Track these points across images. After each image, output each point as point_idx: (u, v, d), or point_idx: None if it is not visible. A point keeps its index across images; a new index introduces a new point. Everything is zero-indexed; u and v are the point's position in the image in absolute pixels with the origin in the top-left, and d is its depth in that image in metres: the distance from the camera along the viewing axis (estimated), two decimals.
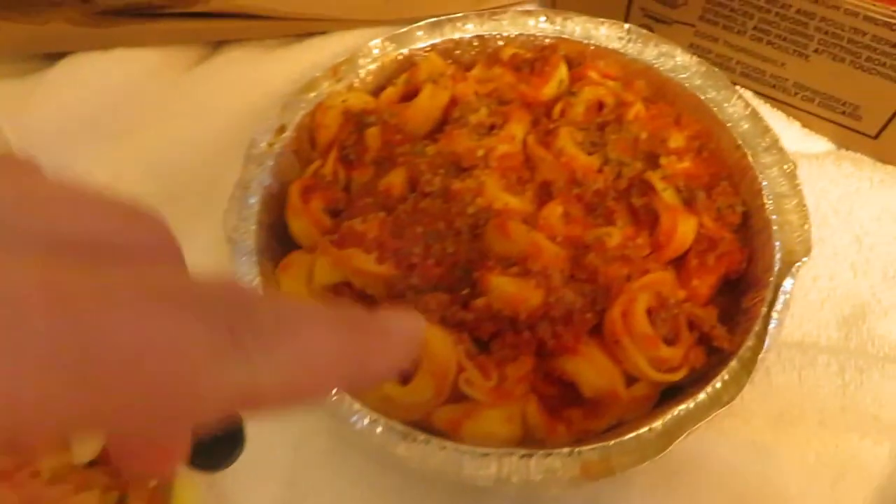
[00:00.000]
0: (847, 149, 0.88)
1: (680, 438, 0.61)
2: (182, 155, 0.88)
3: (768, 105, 0.89)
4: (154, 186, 0.86)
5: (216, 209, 0.75)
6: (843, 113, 0.85)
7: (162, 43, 0.99)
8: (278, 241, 0.77)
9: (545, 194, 0.76)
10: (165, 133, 0.90)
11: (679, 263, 0.73)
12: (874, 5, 0.75)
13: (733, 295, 0.73)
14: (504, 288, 0.65)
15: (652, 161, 0.78)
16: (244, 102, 0.90)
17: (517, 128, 0.79)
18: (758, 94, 0.90)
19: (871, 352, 0.73)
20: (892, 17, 0.74)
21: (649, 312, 0.66)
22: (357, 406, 0.63)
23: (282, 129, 0.82)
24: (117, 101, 0.94)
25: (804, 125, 0.89)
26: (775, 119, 0.88)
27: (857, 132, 0.85)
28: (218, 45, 0.99)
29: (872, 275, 0.77)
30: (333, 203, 0.77)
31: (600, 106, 0.83)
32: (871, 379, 0.69)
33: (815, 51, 0.82)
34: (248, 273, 0.71)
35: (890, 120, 0.82)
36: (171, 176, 0.86)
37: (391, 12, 0.99)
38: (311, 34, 0.98)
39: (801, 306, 0.77)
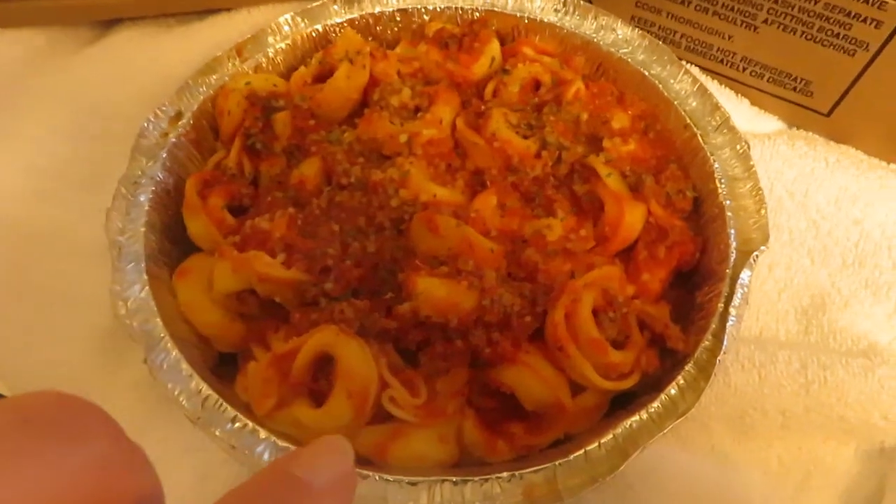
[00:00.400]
0: (798, 127, 0.82)
1: (633, 455, 0.53)
2: (64, 147, 0.77)
3: (716, 82, 0.83)
4: (32, 183, 0.75)
5: (101, 209, 0.65)
6: (795, 89, 0.79)
7: (48, 23, 0.88)
8: (174, 244, 0.67)
9: (478, 183, 0.68)
10: (46, 123, 0.79)
11: (627, 256, 0.66)
12: None
13: (686, 288, 0.66)
14: (432, 291, 0.57)
15: (594, 144, 0.71)
16: (137, 87, 0.80)
17: (445, 110, 0.71)
18: (704, 69, 0.83)
19: (833, 346, 0.67)
20: None
21: (595, 313, 0.59)
22: (263, 434, 0.54)
23: (178, 117, 0.72)
24: None
25: (753, 103, 0.83)
26: (724, 97, 0.82)
27: (809, 109, 0.80)
28: (110, 23, 0.89)
29: (831, 262, 0.72)
30: (237, 198, 0.68)
31: (536, 85, 0.75)
32: (834, 376, 0.64)
33: (765, 21, 0.75)
34: (135, 283, 0.61)
35: (843, 96, 0.76)
36: (50, 171, 0.75)
37: None
38: (214, 10, 0.88)
39: (758, 297, 0.71)
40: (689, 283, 0.66)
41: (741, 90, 0.83)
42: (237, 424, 0.54)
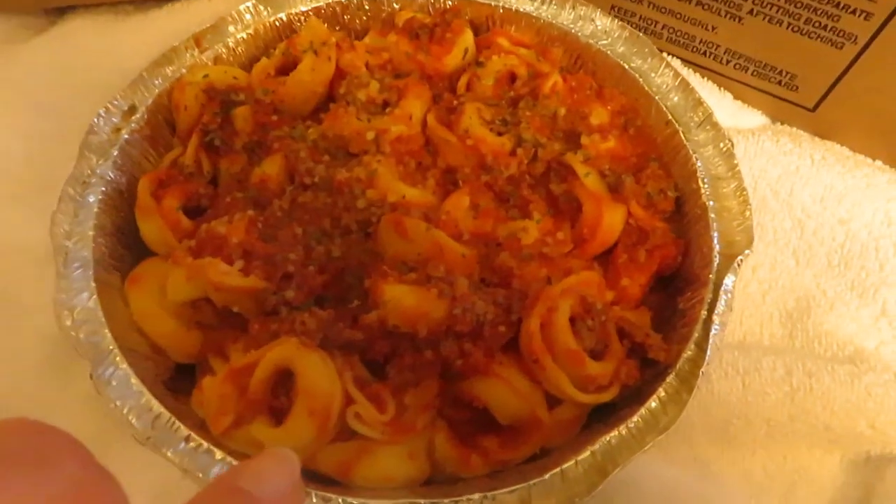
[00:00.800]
0: (783, 123, 0.79)
1: (613, 473, 0.51)
2: (8, 144, 0.72)
3: (698, 75, 0.80)
4: None
5: (47, 212, 0.61)
6: (780, 83, 0.76)
7: None
8: (127, 249, 0.63)
9: (450, 182, 0.65)
10: None
11: (605, 259, 0.63)
12: None
13: (667, 293, 0.63)
14: (401, 299, 0.54)
15: (572, 141, 0.68)
16: (90, 79, 0.76)
17: (415, 105, 0.67)
18: (686, 62, 0.80)
19: (819, 351, 0.65)
20: None
21: (573, 321, 0.56)
22: (219, 454, 0.50)
23: (131, 111, 0.68)
24: None
25: (736, 97, 0.80)
26: (706, 90, 0.79)
27: (794, 104, 0.77)
28: (62, 11, 0.84)
29: (816, 263, 0.69)
30: (194, 199, 0.64)
31: (512, 78, 0.72)
32: (820, 383, 0.61)
33: (750, 12, 0.72)
34: (82, 290, 0.57)
35: (829, 90, 0.74)
36: None
37: None
38: None
39: (742, 300, 0.68)
40: (670, 287, 0.63)
41: (724, 84, 0.80)
42: (191, 444, 0.51)
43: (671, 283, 0.63)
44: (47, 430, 0.29)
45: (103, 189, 0.62)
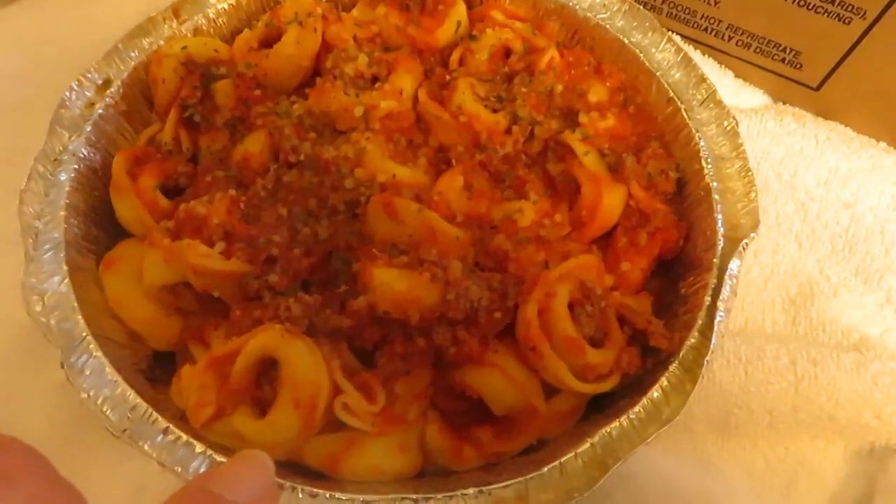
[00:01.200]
0: (785, 102, 0.77)
1: (613, 468, 0.48)
2: None
3: (699, 52, 0.77)
4: None
5: (15, 190, 0.57)
6: (783, 61, 0.74)
7: None
8: (102, 230, 0.60)
9: (442, 161, 0.62)
10: None
11: (605, 243, 0.60)
12: None
13: (668, 277, 0.61)
14: (391, 284, 0.51)
15: (570, 118, 0.65)
16: (63, 51, 0.72)
17: (406, 80, 0.64)
18: (687, 38, 0.78)
19: (823, 339, 0.63)
20: None
21: (571, 307, 0.53)
22: (199, 448, 0.48)
23: (106, 84, 0.64)
24: None
25: (738, 75, 0.78)
26: (706, 68, 0.75)
27: (798, 83, 0.74)
28: None
29: (820, 248, 0.67)
30: (172, 178, 0.61)
31: (507, 53, 0.69)
32: (825, 372, 0.59)
33: None
34: (54, 274, 0.53)
35: (834, 69, 0.71)
36: None
37: None
38: None
39: (744, 285, 0.66)
40: (671, 271, 0.61)
41: (725, 61, 0.77)
42: (169, 437, 0.48)
43: (672, 267, 0.61)
44: (6, 443, 0.28)
45: (76, 167, 0.59)
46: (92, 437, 0.57)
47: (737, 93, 0.77)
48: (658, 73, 0.66)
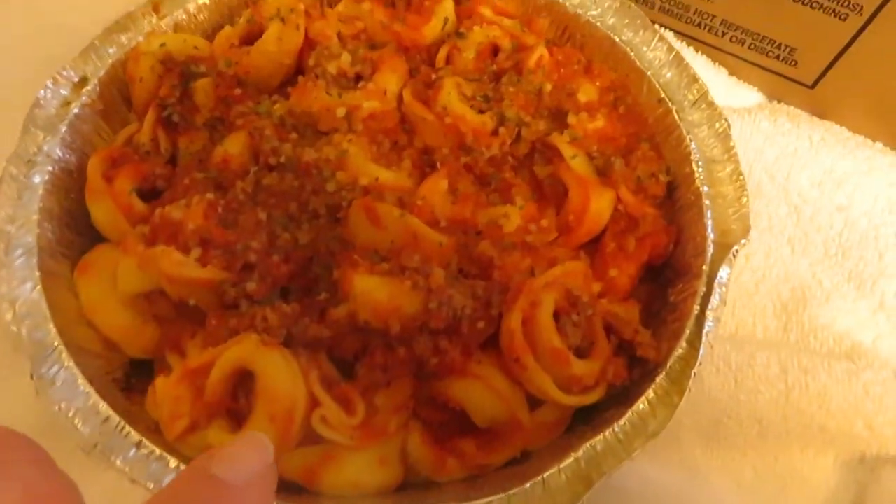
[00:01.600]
0: (780, 101, 0.75)
1: (597, 483, 0.47)
2: None
3: (691, 49, 0.76)
4: None
5: None
6: (778, 58, 0.72)
7: None
8: (78, 234, 0.58)
9: (427, 164, 0.60)
10: None
11: (593, 248, 0.59)
12: None
13: (657, 283, 0.60)
14: (372, 292, 0.49)
15: (558, 119, 0.63)
16: (37, 47, 0.70)
17: (390, 79, 0.62)
18: (679, 34, 0.76)
19: (815, 346, 0.62)
20: None
21: (557, 315, 0.52)
22: (173, 462, 0.46)
23: (82, 83, 0.62)
24: None
25: (731, 73, 0.76)
26: (699, 65, 0.75)
27: (792, 80, 0.73)
28: None
29: (812, 252, 0.66)
30: (149, 180, 0.59)
31: (495, 50, 0.67)
32: (816, 381, 0.58)
33: None
34: (26, 280, 0.52)
35: (830, 66, 0.70)
36: None
37: None
38: None
39: (734, 290, 0.65)
40: (660, 277, 0.60)
41: (719, 58, 0.76)
42: (142, 451, 0.47)
43: (661, 273, 0.60)
44: (2, 434, 0.29)
45: (50, 169, 0.57)
46: (65, 444, 0.56)
47: (730, 91, 0.75)
48: (649, 73, 0.64)
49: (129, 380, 0.54)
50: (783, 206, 0.67)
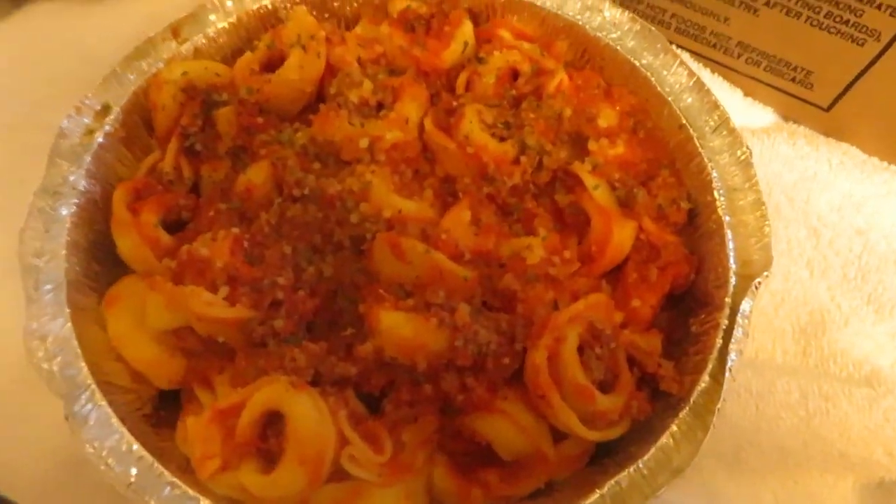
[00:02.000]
0: (795, 121, 0.75)
1: None
2: None
3: (708, 70, 0.76)
4: None
5: (13, 222, 0.56)
6: (794, 80, 0.72)
7: None
8: (102, 265, 0.59)
9: (448, 192, 0.61)
10: None
11: (614, 276, 0.59)
12: None
13: (678, 310, 0.60)
14: (398, 329, 0.50)
15: (579, 144, 0.63)
16: (56, 68, 0.70)
17: (411, 107, 0.62)
18: (695, 54, 0.76)
19: (834, 371, 0.62)
20: None
21: (581, 348, 0.52)
22: (206, 503, 0.47)
23: (105, 111, 0.63)
24: None
25: (747, 94, 0.76)
26: (715, 86, 0.75)
27: (808, 103, 0.73)
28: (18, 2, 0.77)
29: (831, 275, 0.66)
30: (174, 211, 0.59)
31: (514, 74, 0.67)
32: (837, 408, 0.59)
33: (766, 3, 0.68)
34: (55, 316, 0.53)
35: (846, 90, 0.70)
36: None
37: None
38: None
39: (754, 313, 0.64)
40: (681, 304, 0.60)
41: (734, 79, 0.76)
42: (176, 491, 0.47)
43: (682, 300, 0.60)
44: None
45: (76, 201, 0.58)
46: (93, 476, 0.56)
47: (746, 112, 0.76)
48: (670, 98, 0.64)
49: (157, 413, 0.55)
50: (802, 229, 0.67)
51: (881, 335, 0.64)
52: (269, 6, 0.70)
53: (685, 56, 0.75)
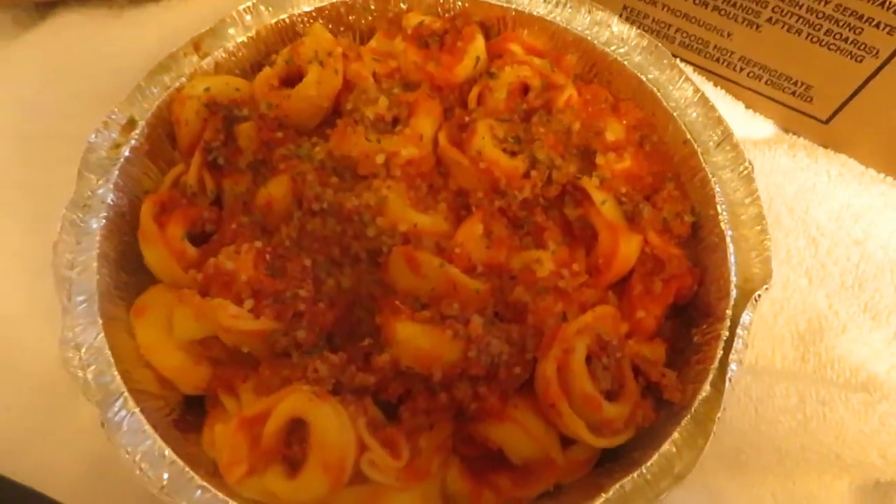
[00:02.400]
0: (795, 133, 0.78)
1: None
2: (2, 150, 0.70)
3: (711, 83, 0.78)
4: None
5: (44, 225, 0.59)
6: (794, 93, 0.74)
7: None
8: (130, 274, 0.61)
9: (461, 205, 0.63)
10: None
11: (620, 287, 0.62)
12: None
13: (681, 320, 0.62)
14: (414, 341, 0.53)
15: (586, 158, 0.66)
16: (81, 78, 0.73)
17: (426, 123, 0.64)
18: (698, 68, 0.78)
19: (832, 376, 0.65)
20: None
21: (588, 358, 0.55)
22: None
23: (130, 125, 0.65)
24: None
25: (749, 106, 0.78)
26: (719, 99, 0.77)
27: (807, 115, 0.75)
28: (52, 5, 0.80)
29: (829, 283, 0.69)
30: (198, 224, 0.62)
31: (524, 89, 0.69)
32: (834, 412, 0.61)
33: (769, 20, 0.70)
34: (88, 326, 0.55)
35: (844, 104, 0.72)
36: None
37: None
38: None
39: (754, 320, 0.67)
40: (684, 314, 0.63)
41: (736, 92, 0.78)
42: (206, 495, 0.50)
43: (685, 311, 0.62)
44: None
45: (105, 214, 0.60)
46: (120, 473, 0.59)
47: (747, 124, 0.78)
48: (675, 113, 0.66)
49: (184, 418, 0.58)
50: (801, 238, 0.70)
51: (877, 342, 0.66)
52: (287, 20, 0.72)
53: (689, 70, 0.77)
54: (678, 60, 0.71)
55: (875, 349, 0.66)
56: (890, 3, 0.62)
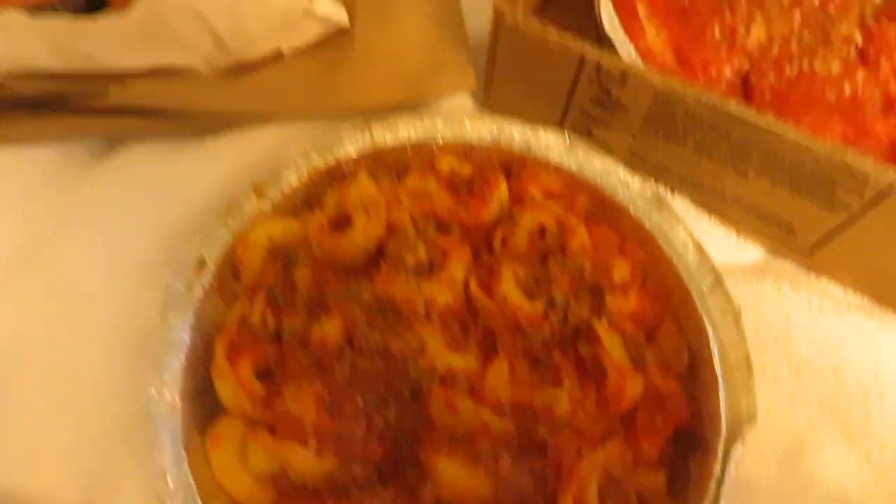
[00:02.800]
0: (783, 257, 0.87)
1: None
2: (90, 283, 0.80)
3: (704, 212, 0.88)
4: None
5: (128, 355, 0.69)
6: (779, 226, 0.84)
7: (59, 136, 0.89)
8: (204, 406, 0.71)
9: (489, 345, 0.73)
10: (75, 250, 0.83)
11: (626, 420, 0.71)
12: (814, 141, 0.73)
13: (679, 447, 0.72)
14: (452, 476, 0.62)
15: (597, 295, 0.75)
16: (149, 210, 0.83)
17: (458, 268, 0.74)
18: (693, 202, 0.88)
19: (811, 494, 0.74)
20: (830, 153, 0.73)
21: (599, 491, 0.64)
22: None
23: (201, 265, 0.75)
24: None
25: (740, 232, 0.88)
26: (711, 226, 0.87)
27: (791, 248, 0.85)
28: (113, 142, 0.90)
29: (810, 405, 0.78)
30: (263, 361, 0.71)
31: (541, 230, 0.79)
32: None
33: (756, 172, 0.80)
34: (174, 458, 0.65)
35: (823, 242, 0.82)
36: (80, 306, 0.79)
37: (314, 104, 0.91)
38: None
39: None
40: (680, 441, 0.72)
41: (728, 222, 0.88)
42: None
43: (682, 438, 0.72)
44: None
45: (184, 353, 0.70)
46: None
47: (738, 249, 0.88)
48: (674, 259, 0.76)
49: None
50: (785, 364, 0.79)
51: (852, 463, 0.76)
52: (333, 163, 0.82)
53: (686, 203, 0.87)
54: (676, 194, 0.82)
55: (850, 470, 0.75)
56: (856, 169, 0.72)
